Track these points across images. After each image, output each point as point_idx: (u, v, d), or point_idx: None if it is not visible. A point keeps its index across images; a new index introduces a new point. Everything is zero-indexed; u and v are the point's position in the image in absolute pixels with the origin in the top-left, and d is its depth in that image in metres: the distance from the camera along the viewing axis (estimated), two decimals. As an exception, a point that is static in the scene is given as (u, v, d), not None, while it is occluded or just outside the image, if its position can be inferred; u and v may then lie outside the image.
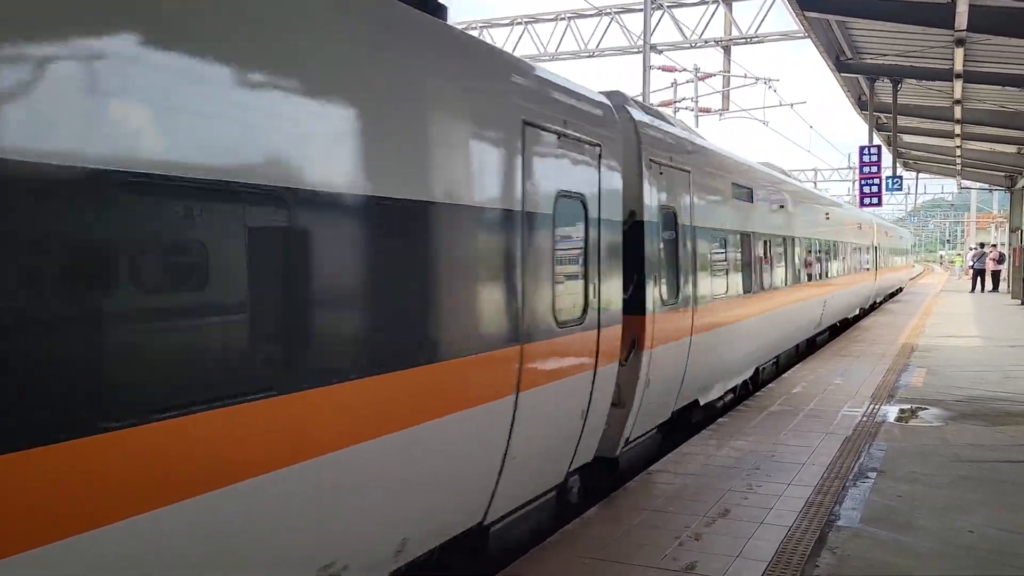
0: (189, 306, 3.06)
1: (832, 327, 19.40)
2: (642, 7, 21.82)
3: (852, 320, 22.73)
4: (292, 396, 3.32)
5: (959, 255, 67.06)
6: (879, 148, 21.88)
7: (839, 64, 17.12)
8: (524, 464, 5.30)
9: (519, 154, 5.08)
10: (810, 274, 15.48)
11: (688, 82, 28.28)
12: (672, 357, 7.97)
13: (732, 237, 10.29)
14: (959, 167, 31.54)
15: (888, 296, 32.43)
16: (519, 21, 26.02)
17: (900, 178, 24.95)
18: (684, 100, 28.26)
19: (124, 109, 2.72)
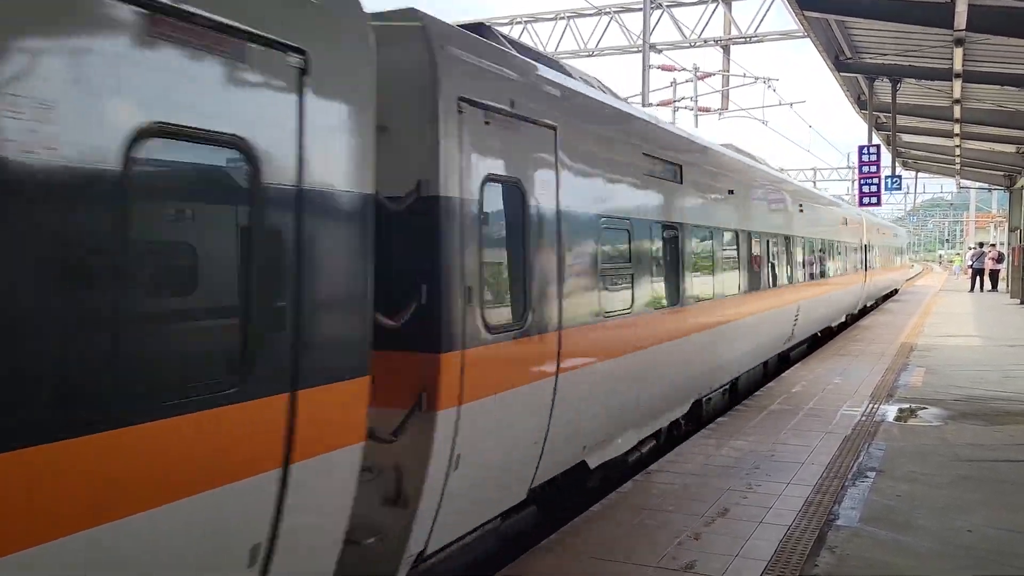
0: None
1: (814, 337, 17.67)
2: (641, 6, 21.84)
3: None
4: None
5: (958, 254, 67.07)
6: (878, 148, 21.86)
7: (838, 64, 17.11)
8: None
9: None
10: (775, 278, 12.79)
11: (687, 81, 28.29)
12: (515, 411, 5.37)
13: (642, 228, 7.54)
14: (958, 167, 31.53)
15: (882, 299, 31.35)
16: (518, 20, 25.99)
17: (899, 177, 24.95)
18: (683, 99, 28.29)
19: None
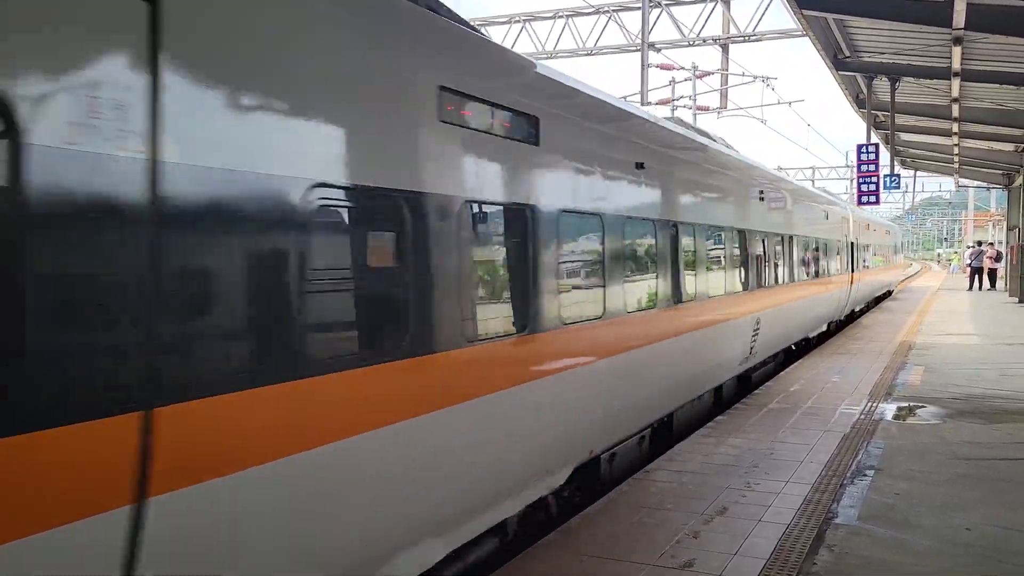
0: None
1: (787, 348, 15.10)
2: (640, 5, 21.85)
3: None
4: None
5: (956, 253, 67.08)
6: (877, 146, 21.89)
7: (837, 62, 17.13)
8: None
9: None
10: (721, 282, 9.97)
11: (686, 80, 28.36)
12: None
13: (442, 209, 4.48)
14: (957, 165, 31.57)
15: (874, 302, 29.24)
16: (517, 19, 25.99)
17: (898, 176, 25.03)
18: (682, 98, 28.33)
19: None
